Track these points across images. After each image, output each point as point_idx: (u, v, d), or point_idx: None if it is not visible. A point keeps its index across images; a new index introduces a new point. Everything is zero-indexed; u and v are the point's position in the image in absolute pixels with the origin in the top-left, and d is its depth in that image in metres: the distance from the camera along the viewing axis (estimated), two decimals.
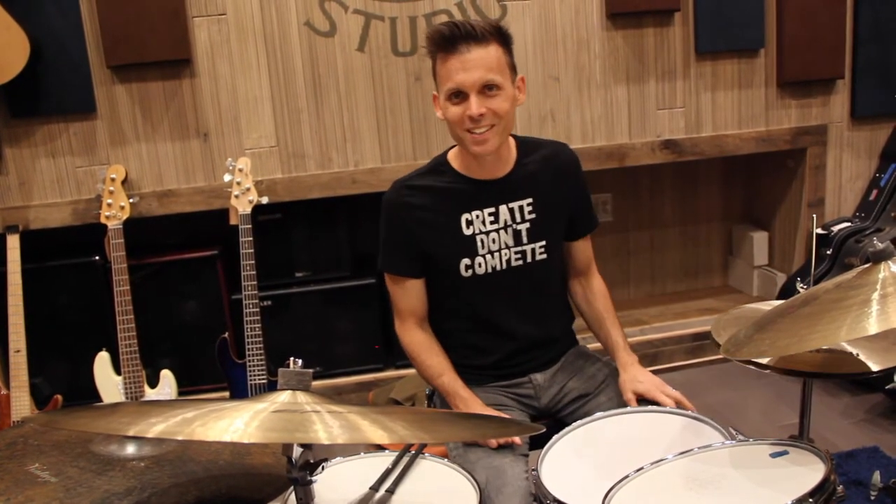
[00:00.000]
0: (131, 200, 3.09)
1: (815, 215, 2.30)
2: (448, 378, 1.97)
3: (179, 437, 0.97)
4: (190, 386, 3.30)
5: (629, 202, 4.11)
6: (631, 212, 4.13)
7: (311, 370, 1.17)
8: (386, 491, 1.67)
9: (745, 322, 1.69)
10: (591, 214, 2.16)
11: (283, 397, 1.13)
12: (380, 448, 1.84)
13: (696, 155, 3.64)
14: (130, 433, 1.00)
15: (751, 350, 1.40)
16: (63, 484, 1.30)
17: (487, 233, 1.97)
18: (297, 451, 1.12)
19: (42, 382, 3.23)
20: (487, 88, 1.83)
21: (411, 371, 3.42)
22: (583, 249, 2.15)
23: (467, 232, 1.96)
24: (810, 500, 1.19)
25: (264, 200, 3.10)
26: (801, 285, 1.78)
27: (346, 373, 3.49)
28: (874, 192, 3.76)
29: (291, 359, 1.17)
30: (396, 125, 3.37)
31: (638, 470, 1.43)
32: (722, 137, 3.64)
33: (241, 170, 3.07)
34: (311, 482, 1.15)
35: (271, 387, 2.81)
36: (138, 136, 3.23)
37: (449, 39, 1.82)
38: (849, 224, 3.66)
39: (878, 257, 1.42)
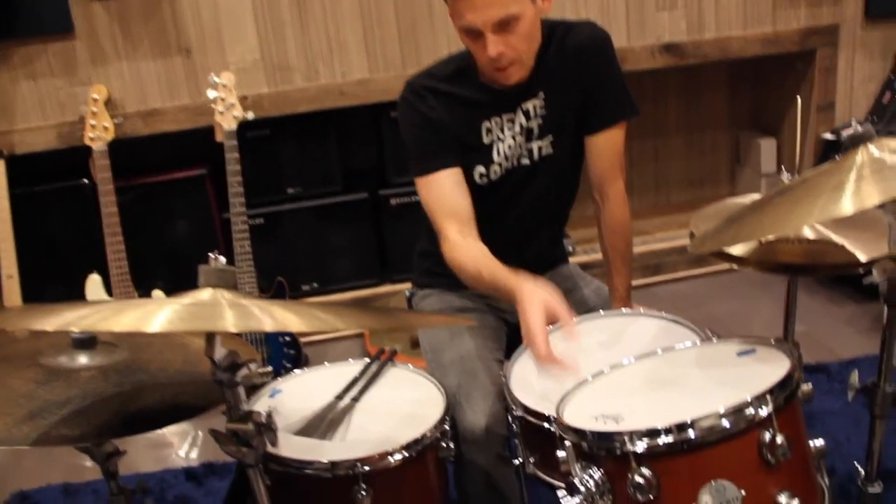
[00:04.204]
0: (115, 121, 3.04)
1: (799, 102, 2.15)
2: (487, 273, 1.70)
3: (76, 329, 0.94)
4: None
5: None
6: (633, 120, 4.00)
7: (233, 267, 1.11)
8: (351, 399, 1.65)
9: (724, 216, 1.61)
10: (616, 101, 1.88)
11: (204, 295, 1.08)
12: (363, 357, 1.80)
13: (699, 58, 3.49)
14: (35, 328, 0.97)
15: (714, 242, 1.33)
16: (3, 395, 1.28)
17: (504, 139, 1.83)
18: (221, 353, 1.08)
19: None
20: (503, 23, 1.64)
21: (406, 285, 3.39)
22: (601, 147, 1.88)
23: (486, 140, 1.83)
24: (768, 396, 1.14)
25: (250, 116, 3.01)
26: (787, 175, 1.68)
27: (342, 289, 3.47)
28: (888, 94, 3.59)
29: (211, 255, 1.12)
30: (384, 34, 3.25)
31: (597, 374, 1.37)
32: (726, 40, 3.47)
33: (224, 85, 2.98)
34: (237, 384, 1.11)
35: None
36: (119, 54, 3.15)
37: None
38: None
39: (857, 141, 1.33)
